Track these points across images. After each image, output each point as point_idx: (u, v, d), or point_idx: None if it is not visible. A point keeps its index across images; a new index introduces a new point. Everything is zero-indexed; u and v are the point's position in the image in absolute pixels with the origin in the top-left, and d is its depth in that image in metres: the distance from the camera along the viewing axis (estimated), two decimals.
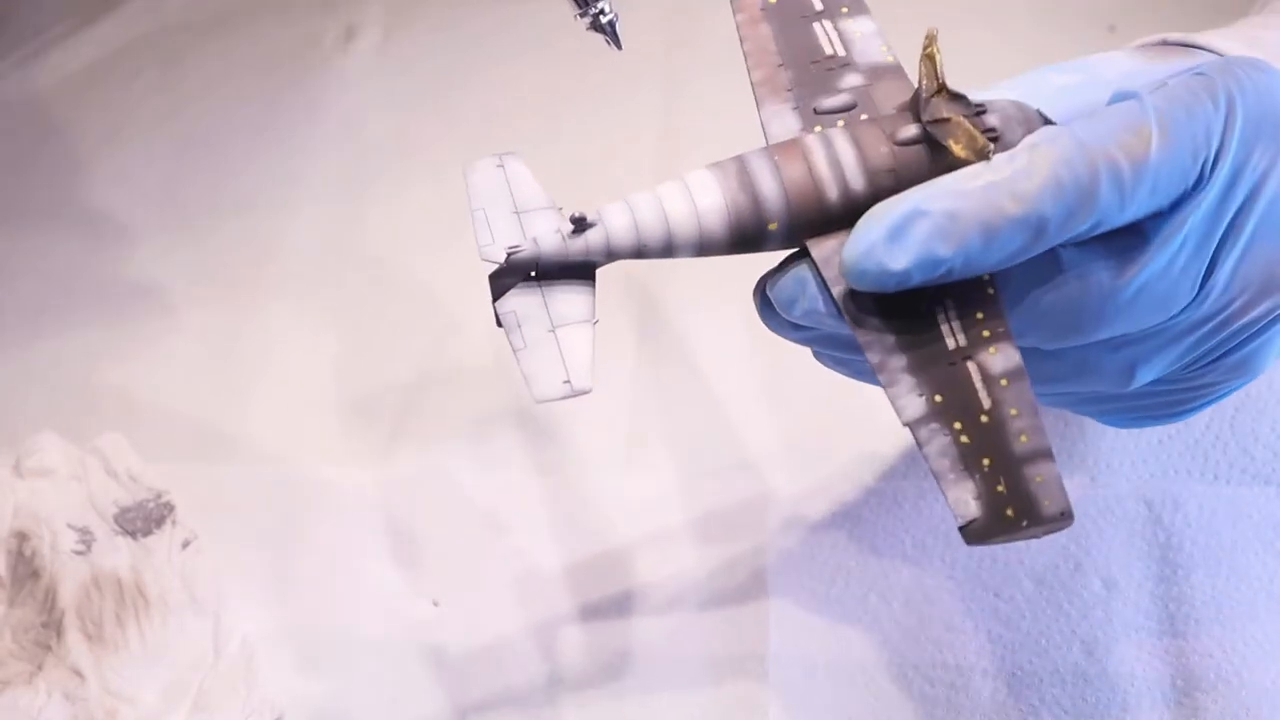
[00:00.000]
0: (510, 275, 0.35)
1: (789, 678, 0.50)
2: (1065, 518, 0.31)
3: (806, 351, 0.40)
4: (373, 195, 0.69)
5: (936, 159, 0.35)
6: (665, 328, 0.61)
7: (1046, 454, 0.32)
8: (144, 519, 0.56)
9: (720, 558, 0.53)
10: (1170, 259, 0.34)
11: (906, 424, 0.33)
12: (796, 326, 0.37)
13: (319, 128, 0.72)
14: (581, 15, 0.43)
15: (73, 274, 0.68)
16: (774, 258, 0.37)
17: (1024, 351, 0.35)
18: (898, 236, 0.33)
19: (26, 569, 0.54)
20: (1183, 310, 0.35)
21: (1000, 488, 0.32)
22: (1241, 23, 0.43)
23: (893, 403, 0.33)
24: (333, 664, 0.53)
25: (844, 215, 0.35)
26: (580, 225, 0.35)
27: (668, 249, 0.36)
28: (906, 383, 0.33)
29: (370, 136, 0.71)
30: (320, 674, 0.53)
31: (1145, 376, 0.37)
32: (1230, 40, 0.40)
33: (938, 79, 0.35)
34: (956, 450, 0.32)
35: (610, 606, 0.53)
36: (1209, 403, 0.40)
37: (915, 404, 0.33)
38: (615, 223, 0.35)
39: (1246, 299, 0.36)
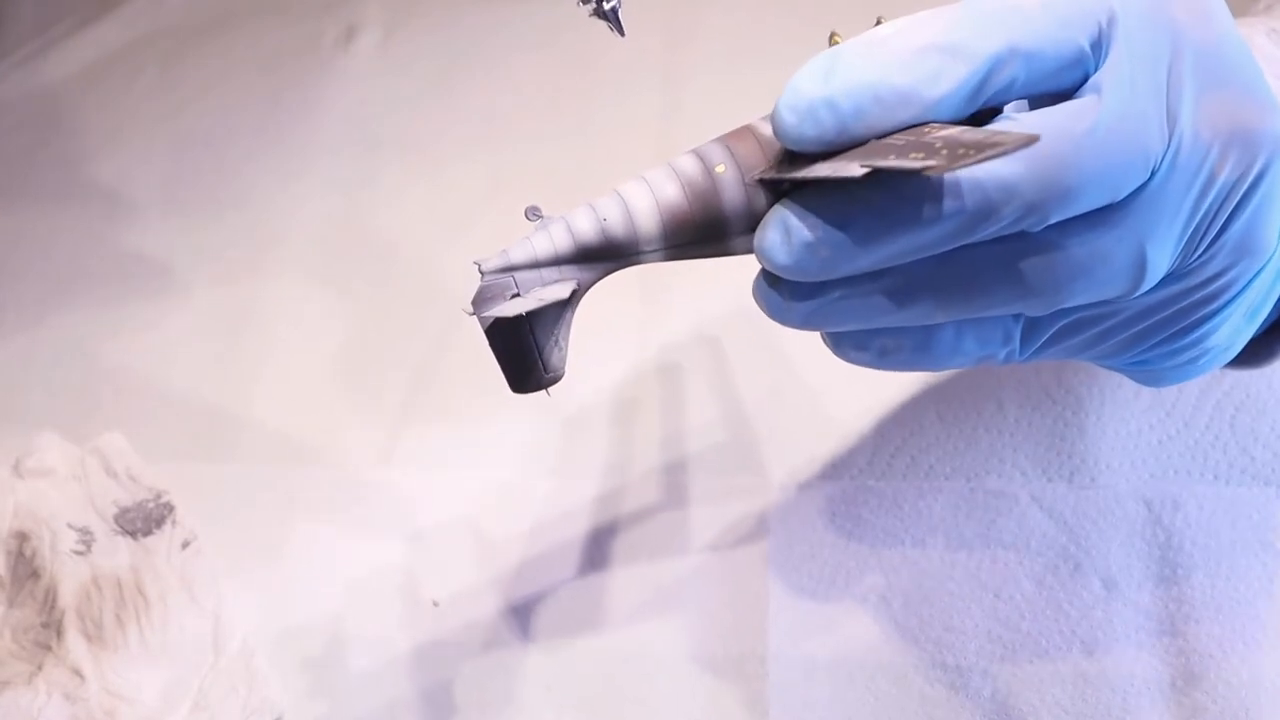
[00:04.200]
0: (489, 303, 0.36)
1: (789, 678, 0.50)
2: (1031, 139, 0.31)
3: (807, 351, 0.40)
4: (372, 195, 0.69)
5: None
6: (665, 328, 0.61)
7: (1003, 134, 0.32)
8: (144, 519, 0.56)
9: (720, 557, 0.53)
10: (1124, 101, 0.35)
11: (864, 169, 0.32)
12: (802, 296, 0.36)
13: (319, 127, 0.72)
14: (584, 2, 0.44)
15: (73, 275, 0.68)
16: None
17: (1030, 256, 0.35)
18: (816, 73, 0.34)
19: (26, 569, 0.54)
20: (1162, 164, 0.35)
21: (961, 150, 0.31)
22: (1240, 21, 0.43)
23: (844, 174, 0.33)
24: (333, 664, 0.53)
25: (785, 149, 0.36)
26: (536, 216, 0.36)
27: (631, 230, 0.36)
28: (856, 164, 0.33)
29: (370, 136, 0.71)
30: (320, 673, 0.53)
31: (1156, 261, 0.36)
32: None
33: None
34: (913, 161, 0.32)
35: (610, 606, 0.53)
36: (1229, 304, 0.39)
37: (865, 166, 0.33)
38: (576, 213, 0.37)
39: (1220, 148, 0.36)
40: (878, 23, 0.37)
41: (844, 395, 0.55)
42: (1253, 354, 0.44)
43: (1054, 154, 0.34)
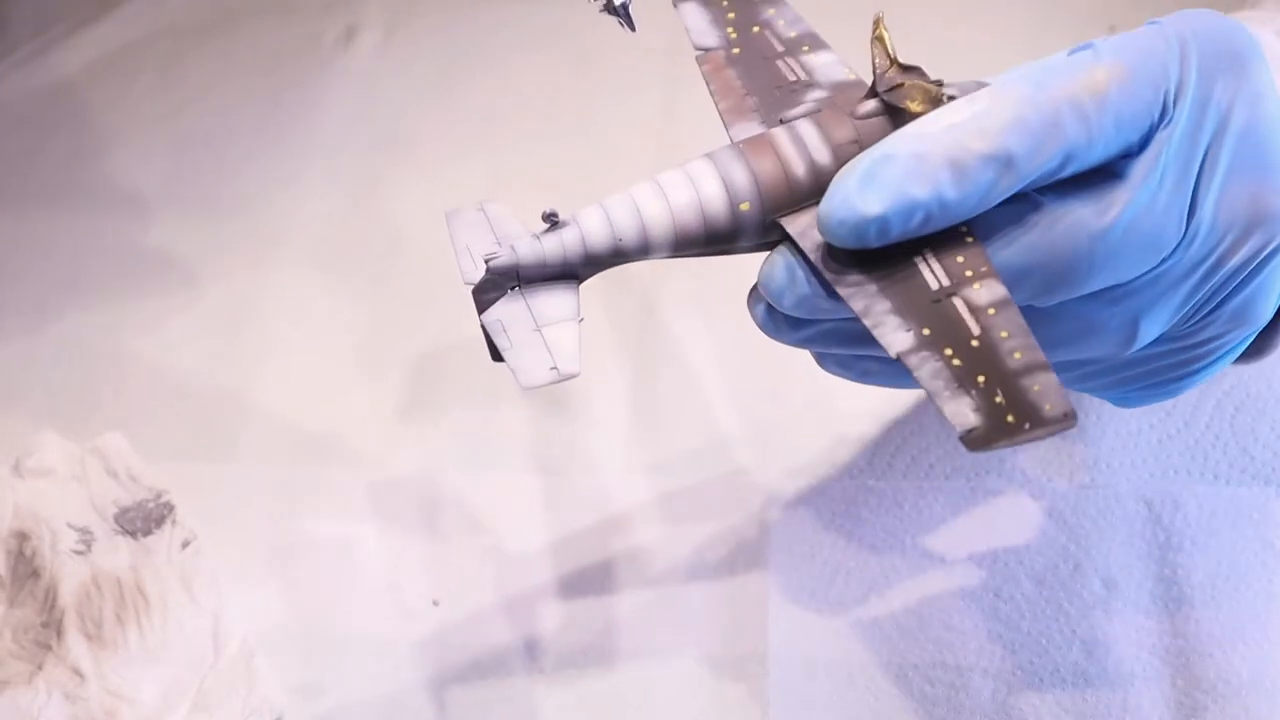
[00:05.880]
0: (492, 290, 0.36)
1: (789, 677, 0.50)
2: (1068, 418, 0.31)
3: (806, 352, 0.40)
4: (373, 194, 0.69)
5: (898, 125, 0.35)
6: (664, 329, 0.61)
7: (1043, 366, 0.32)
8: (144, 519, 0.56)
9: (719, 557, 0.53)
10: (1151, 196, 0.34)
11: (897, 355, 0.33)
12: (795, 326, 0.37)
13: (319, 127, 0.72)
14: None
15: (73, 275, 0.68)
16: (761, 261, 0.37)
17: (1023, 313, 0.35)
18: (870, 182, 0.33)
19: (26, 569, 0.54)
20: (1174, 252, 0.35)
21: (998, 399, 0.31)
22: (1247, 17, 0.43)
23: (880, 340, 0.33)
24: (333, 664, 0.53)
25: (813, 190, 0.36)
26: (552, 221, 0.36)
27: (644, 246, 0.36)
28: (892, 322, 0.33)
29: (370, 136, 0.71)
30: (320, 674, 0.53)
31: (1148, 331, 0.37)
32: None
33: (889, 55, 0.36)
34: (949, 372, 0.32)
35: (610, 606, 0.53)
36: (1215, 361, 0.40)
37: (903, 338, 0.33)
38: (589, 222, 0.36)
39: (1235, 235, 0.36)
40: (876, 25, 0.36)
41: (844, 395, 0.55)
42: (1252, 349, 0.44)
43: (1068, 249, 0.34)
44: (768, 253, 0.37)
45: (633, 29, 0.43)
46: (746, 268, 0.38)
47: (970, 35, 0.69)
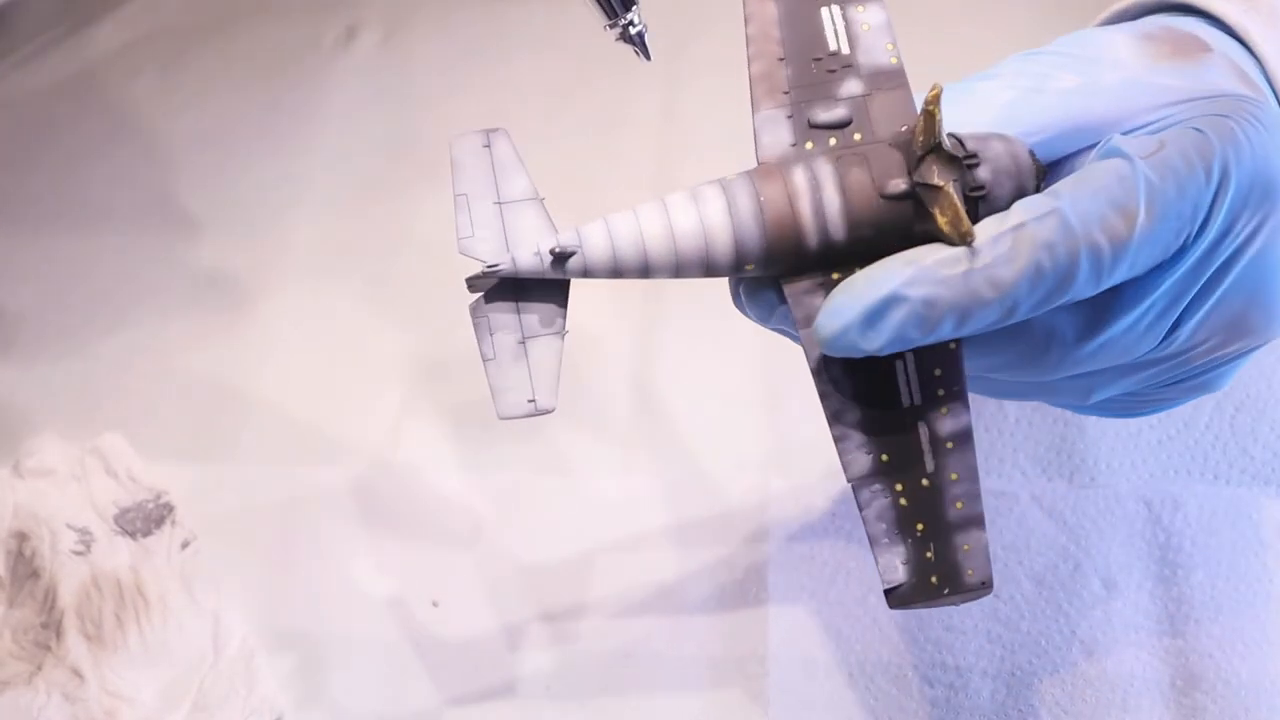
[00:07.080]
0: (487, 278, 0.36)
1: (789, 678, 0.50)
2: (985, 587, 0.34)
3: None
4: (372, 196, 0.69)
5: (920, 216, 0.35)
6: (663, 328, 0.61)
7: (978, 521, 0.34)
8: (144, 519, 0.56)
9: (720, 558, 0.53)
10: (1138, 318, 0.35)
11: (851, 481, 0.34)
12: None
13: (319, 128, 0.72)
14: (611, 26, 0.43)
15: (72, 275, 0.68)
16: None
17: (979, 381, 0.36)
18: (873, 321, 0.33)
19: (26, 569, 0.54)
20: (1144, 355, 0.36)
21: (929, 554, 0.33)
22: None
23: (840, 457, 0.35)
24: (333, 664, 0.53)
25: (820, 260, 0.35)
26: (561, 258, 0.35)
27: (642, 273, 0.36)
28: (856, 439, 0.35)
29: (370, 136, 0.71)
30: (320, 674, 0.53)
31: (1101, 397, 0.38)
32: (1229, 2, 0.40)
33: (935, 136, 0.34)
34: (894, 513, 0.34)
35: (610, 607, 0.53)
36: (1163, 409, 0.41)
37: (862, 461, 0.35)
38: (593, 247, 0.35)
39: (1210, 345, 0.36)
40: (932, 101, 0.34)
41: None
42: None
43: (1043, 354, 0.35)
44: None
45: (648, 58, 0.43)
46: None
47: (970, 35, 0.69)
